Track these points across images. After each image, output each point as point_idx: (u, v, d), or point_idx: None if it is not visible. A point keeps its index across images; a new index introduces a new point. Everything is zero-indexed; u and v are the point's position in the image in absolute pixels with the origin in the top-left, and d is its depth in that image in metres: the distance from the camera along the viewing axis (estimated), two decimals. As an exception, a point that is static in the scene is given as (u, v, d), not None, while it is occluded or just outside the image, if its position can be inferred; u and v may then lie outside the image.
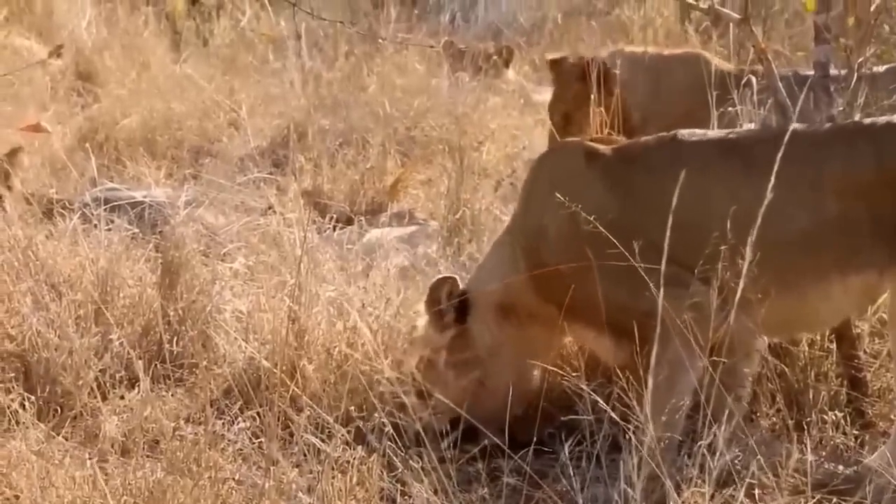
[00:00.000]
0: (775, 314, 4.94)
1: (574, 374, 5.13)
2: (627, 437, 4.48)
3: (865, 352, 5.63)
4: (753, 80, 6.19)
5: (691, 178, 4.91)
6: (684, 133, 5.26)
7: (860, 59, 5.98)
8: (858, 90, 5.88)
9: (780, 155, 4.57)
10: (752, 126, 5.91)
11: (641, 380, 4.58)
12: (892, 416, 5.47)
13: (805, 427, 5.20)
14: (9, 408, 5.12)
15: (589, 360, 5.56)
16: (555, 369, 5.41)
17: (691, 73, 6.87)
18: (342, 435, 4.83)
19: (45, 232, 6.46)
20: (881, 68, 6.68)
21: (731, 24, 7.34)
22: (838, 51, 6.12)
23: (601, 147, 5.30)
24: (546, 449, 5.17)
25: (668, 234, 4.50)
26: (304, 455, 4.82)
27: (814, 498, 4.60)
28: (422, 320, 5.48)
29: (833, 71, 5.99)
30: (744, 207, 4.71)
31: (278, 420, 4.94)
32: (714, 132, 5.45)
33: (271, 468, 4.73)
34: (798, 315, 5.13)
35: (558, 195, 5.05)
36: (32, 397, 5.32)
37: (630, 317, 4.87)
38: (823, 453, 5.14)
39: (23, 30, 11.95)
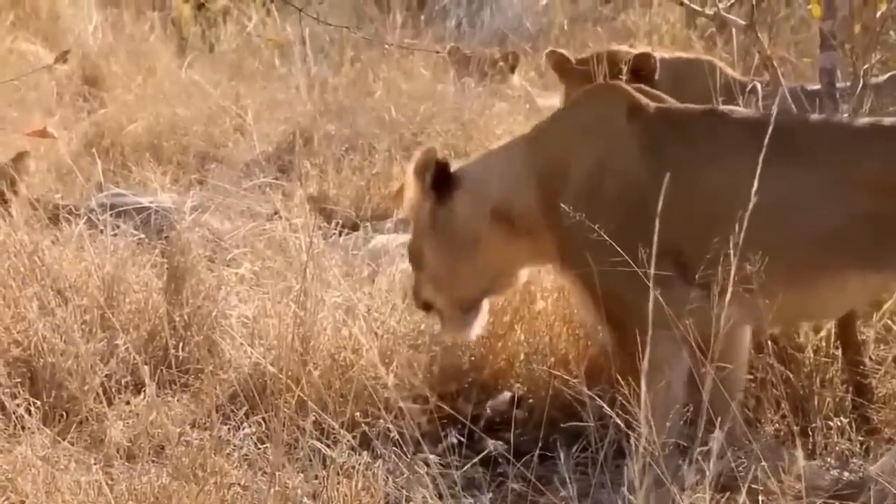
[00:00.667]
0: (783, 305, 4.86)
1: (576, 380, 5.13)
2: (631, 442, 4.48)
3: (871, 358, 5.63)
4: (759, 86, 6.18)
5: (723, 161, 4.86)
6: (725, 110, 5.18)
7: (865, 66, 5.97)
8: (864, 97, 5.87)
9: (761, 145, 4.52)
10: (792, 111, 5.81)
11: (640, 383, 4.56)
12: (897, 423, 5.47)
13: (810, 433, 5.20)
14: (14, 413, 5.12)
15: (592, 366, 5.57)
16: (558, 373, 5.42)
17: (707, 77, 6.82)
18: (347, 440, 4.83)
19: (51, 237, 6.45)
20: (882, 77, 6.66)
21: (735, 31, 7.33)
22: (844, 57, 6.12)
23: (646, 102, 5.13)
24: (550, 455, 5.17)
25: (656, 219, 4.37)
26: (310, 460, 4.82)
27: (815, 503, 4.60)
28: (410, 187, 5.41)
29: (839, 84, 5.99)
30: (772, 198, 4.68)
31: (283, 425, 4.94)
32: (754, 113, 5.31)
33: (276, 473, 4.73)
34: (805, 307, 5.05)
35: (591, 141, 4.98)
36: (38, 402, 5.31)
37: (624, 308, 4.83)
38: (829, 459, 5.14)
39: (29, 35, 11.95)
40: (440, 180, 5.29)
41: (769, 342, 5.43)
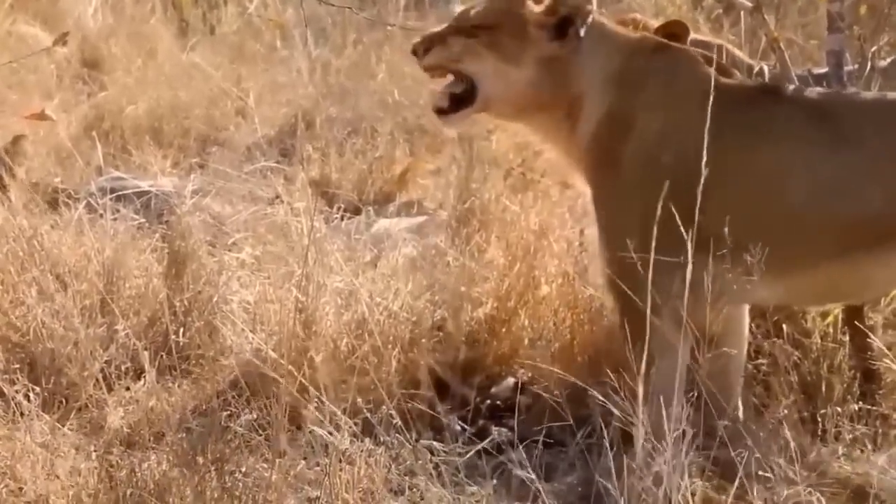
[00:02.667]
0: (826, 281, 4.87)
1: (580, 366, 5.10)
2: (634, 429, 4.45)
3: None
4: (766, 69, 6.13)
5: (774, 146, 4.81)
6: (787, 88, 5.09)
7: (874, 49, 5.93)
8: (871, 80, 5.83)
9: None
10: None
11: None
12: (906, 409, 5.44)
13: (820, 419, 5.17)
14: (13, 399, 5.10)
15: (597, 352, 5.53)
16: (562, 359, 5.39)
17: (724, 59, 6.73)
18: (350, 427, 4.80)
19: (51, 222, 6.45)
20: (885, 61, 6.60)
21: (742, 12, 7.28)
22: (851, 40, 6.07)
23: (722, 83, 4.94)
24: (554, 441, 5.14)
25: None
26: (311, 447, 4.81)
27: (825, 491, 4.58)
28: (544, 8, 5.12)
29: (847, 67, 5.94)
30: (822, 184, 4.71)
31: (285, 412, 4.92)
32: (806, 90, 5.21)
33: (278, 460, 4.71)
34: (849, 283, 4.99)
35: (660, 111, 4.92)
36: (37, 388, 5.30)
37: (626, 275, 4.77)
38: (839, 447, 5.11)
39: (28, 17, 11.89)
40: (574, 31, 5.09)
41: (779, 325, 5.41)
